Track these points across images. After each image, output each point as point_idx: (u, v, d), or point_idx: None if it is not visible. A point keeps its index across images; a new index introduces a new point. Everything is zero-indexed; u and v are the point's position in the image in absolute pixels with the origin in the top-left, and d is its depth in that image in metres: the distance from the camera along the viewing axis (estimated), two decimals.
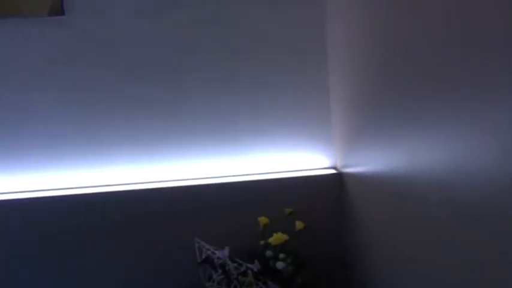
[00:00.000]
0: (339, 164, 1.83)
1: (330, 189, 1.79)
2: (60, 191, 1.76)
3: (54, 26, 1.73)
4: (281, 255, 1.59)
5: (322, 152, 1.85)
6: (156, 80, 1.78)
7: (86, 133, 1.77)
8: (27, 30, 1.73)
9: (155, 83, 1.78)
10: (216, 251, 1.59)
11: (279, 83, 1.82)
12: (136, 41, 1.77)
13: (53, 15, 1.71)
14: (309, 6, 1.80)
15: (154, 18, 1.76)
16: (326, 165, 1.86)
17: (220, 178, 1.80)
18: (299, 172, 1.83)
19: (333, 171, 1.83)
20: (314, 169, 1.85)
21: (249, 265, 1.57)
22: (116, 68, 1.77)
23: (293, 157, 1.84)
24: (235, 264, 1.57)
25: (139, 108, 1.79)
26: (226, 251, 1.59)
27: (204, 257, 1.59)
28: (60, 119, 1.76)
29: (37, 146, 1.76)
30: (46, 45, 1.74)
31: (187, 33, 1.78)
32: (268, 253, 1.61)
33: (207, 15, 1.78)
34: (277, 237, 1.59)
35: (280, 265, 1.58)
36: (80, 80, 1.76)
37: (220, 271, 1.56)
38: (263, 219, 1.66)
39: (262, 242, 1.62)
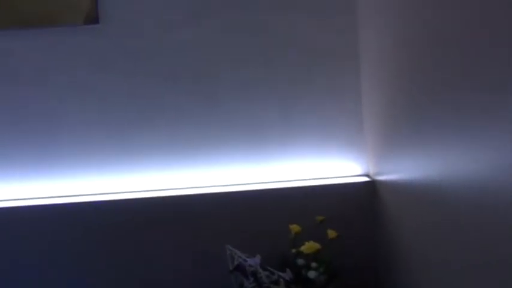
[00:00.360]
0: (371, 172, 1.80)
1: (362, 197, 1.77)
2: (92, 196, 1.78)
3: (89, 34, 1.76)
4: (313, 264, 1.58)
5: (354, 159, 1.83)
6: (187, 88, 1.80)
7: (119, 140, 1.80)
8: (63, 39, 1.76)
9: (187, 91, 1.80)
10: (247, 259, 1.58)
11: (310, 89, 1.81)
12: (168, 50, 1.78)
13: (88, 24, 1.74)
14: (339, 13, 1.79)
15: (186, 27, 1.78)
16: (359, 173, 1.84)
17: (251, 185, 1.80)
18: (331, 179, 1.81)
19: (366, 178, 1.80)
20: (346, 176, 1.83)
21: (281, 274, 1.56)
22: (149, 77, 1.79)
23: (325, 164, 1.83)
24: (267, 273, 1.57)
25: (171, 115, 1.80)
26: (257, 259, 1.58)
27: (235, 264, 1.59)
28: (94, 125, 1.79)
29: (71, 153, 1.79)
30: (81, 53, 1.77)
31: (218, 41, 1.79)
32: (300, 261, 1.59)
33: (237, 23, 1.79)
34: (309, 246, 1.57)
35: (312, 274, 1.56)
36: (114, 88, 1.79)
37: (251, 279, 1.55)
38: (295, 227, 1.65)
39: (293, 250, 1.61)
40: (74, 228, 1.74)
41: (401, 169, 1.51)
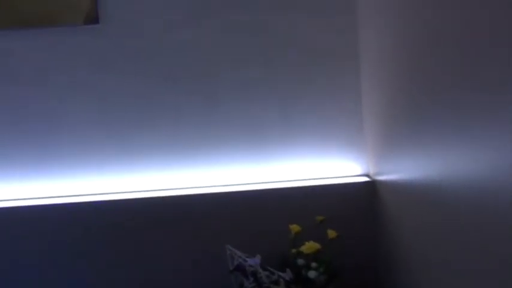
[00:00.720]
0: (371, 172, 1.80)
1: (362, 197, 1.77)
2: (92, 196, 1.78)
3: (89, 34, 1.76)
4: (313, 264, 1.58)
5: (354, 159, 1.83)
6: (187, 88, 1.80)
7: (119, 140, 1.80)
8: (63, 39, 1.76)
9: (187, 91, 1.80)
10: (247, 259, 1.58)
11: (310, 89, 1.81)
12: (168, 50, 1.78)
13: (88, 24, 1.74)
14: (339, 13, 1.79)
15: (186, 27, 1.78)
16: (358, 173, 1.84)
17: (251, 185, 1.80)
18: (331, 179, 1.81)
19: (366, 178, 1.80)
20: (346, 176, 1.83)
21: (281, 274, 1.56)
22: (149, 77, 1.79)
23: (325, 164, 1.83)
24: (267, 273, 1.56)
25: (171, 115, 1.80)
26: (257, 259, 1.58)
27: (235, 264, 1.59)
28: (94, 125, 1.79)
29: (71, 153, 1.79)
30: (81, 53, 1.77)
31: (218, 41, 1.79)
32: (300, 261, 1.59)
33: (237, 23, 1.79)
34: (309, 246, 1.57)
35: (312, 274, 1.56)
36: (114, 88, 1.79)
37: (251, 279, 1.55)
38: (295, 227, 1.64)
39: (293, 250, 1.61)
40: (74, 228, 1.74)
41: (401, 169, 1.51)
